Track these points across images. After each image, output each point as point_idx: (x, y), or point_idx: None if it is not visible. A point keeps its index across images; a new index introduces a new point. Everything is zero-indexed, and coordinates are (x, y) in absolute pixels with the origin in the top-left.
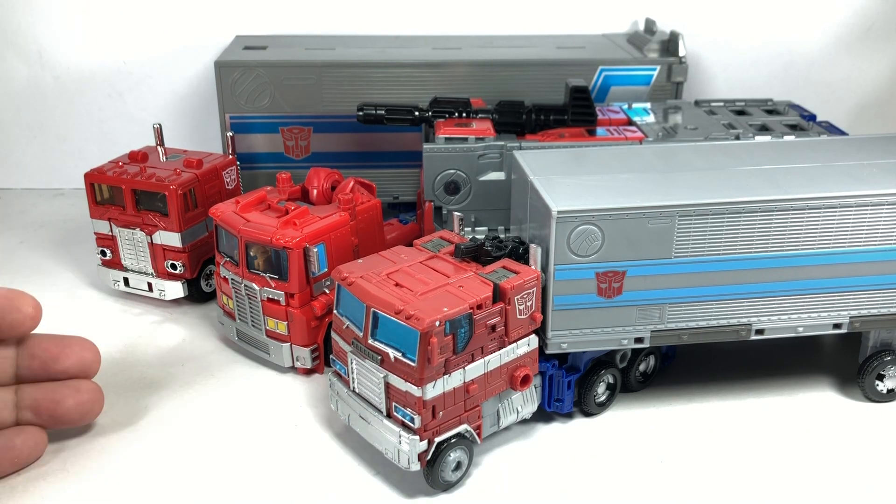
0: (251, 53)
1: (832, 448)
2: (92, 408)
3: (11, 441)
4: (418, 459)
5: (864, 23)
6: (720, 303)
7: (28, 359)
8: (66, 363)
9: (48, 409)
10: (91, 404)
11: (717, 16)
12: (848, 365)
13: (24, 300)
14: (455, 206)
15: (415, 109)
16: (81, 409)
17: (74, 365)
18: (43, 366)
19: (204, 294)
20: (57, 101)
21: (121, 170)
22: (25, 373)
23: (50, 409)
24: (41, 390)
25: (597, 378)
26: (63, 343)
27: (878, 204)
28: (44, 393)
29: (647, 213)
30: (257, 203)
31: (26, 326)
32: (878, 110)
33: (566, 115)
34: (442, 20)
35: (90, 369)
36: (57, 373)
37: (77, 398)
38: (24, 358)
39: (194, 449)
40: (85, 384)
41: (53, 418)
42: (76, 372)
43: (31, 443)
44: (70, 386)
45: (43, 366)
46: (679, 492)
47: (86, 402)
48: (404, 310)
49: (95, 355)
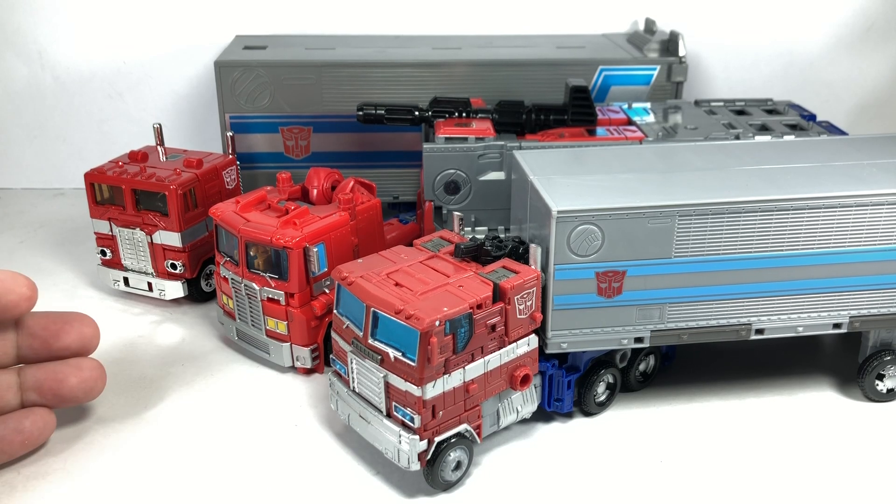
0: (251, 53)
1: (832, 448)
2: (95, 384)
3: (21, 424)
4: (418, 459)
5: (864, 23)
6: (720, 303)
7: (28, 338)
8: (66, 339)
9: (52, 389)
10: (94, 381)
11: (717, 16)
12: (848, 365)
13: (19, 280)
14: (455, 206)
15: (415, 109)
16: (84, 386)
17: (75, 341)
18: (44, 344)
19: (204, 294)
20: (57, 101)
21: (121, 170)
22: (27, 352)
23: (53, 388)
24: (43, 370)
25: (597, 378)
26: (62, 319)
27: (878, 204)
28: (46, 373)
29: (647, 213)
30: (257, 203)
31: (22, 307)
32: (878, 110)
33: (566, 115)
34: (442, 20)
35: (90, 344)
36: (59, 350)
37: (80, 376)
38: (24, 338)
39: (194, 448)
40: (86, 362)
41: (58, 397)
42: (77, 348)
43: (41, 423)
44: (72, 364)
45: (44, 344)
46: (679, 492)
47: (88, 380)
48: (404, 309)
49: (95, 330)
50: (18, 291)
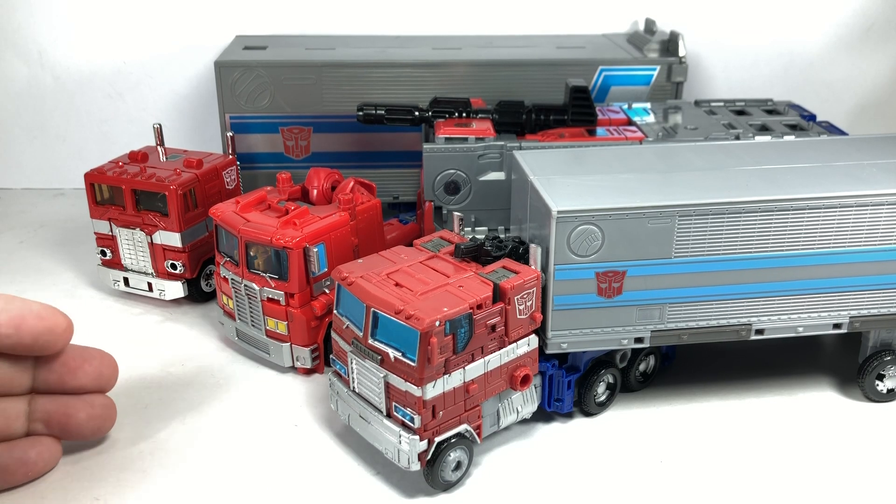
0: (251, 53)
1: (832, 448)
2: (104, 423)
3: (26, 454)
4: (418, 459)
5: (864, 23)
6: (720, 303)
7: (45, 372)
8: (83, 379)
9: (59, 423)
10: (103, 420)
11: (717, 16)
12: (848, 365)
13: (58, 320)
14: (455, 206)
15: (415, 109)
16: (93, 423)
17: (92, 381)
18: (59, 380)
19: (204, 294)
20: (57, 101)
21: (121, 170)
22: (40, 385)
23: (62, 422)
24: (54, 402)
25: (597, 378)
26: (82, 356)
27: (878, 204)
28: (56, 406)
29: (647, 213)
30: (257, 203)
31: (58, 346)
32: (878, 110)
33: (566, 115)
34: (442, 20)
35: (107, 384)
36: (73, 388)
37: (89, 412)
38: (41, 371)
39: (194, 449)
40: (98, 398)
41: (65, 431)
42: (93, 387)
43: (47, 455)
44: (83, 399)
45: (59, 380)
46: (679, 492)
47: (98, 417)
48: (404, 310)
49: (113, 370)
50: (56, 332)
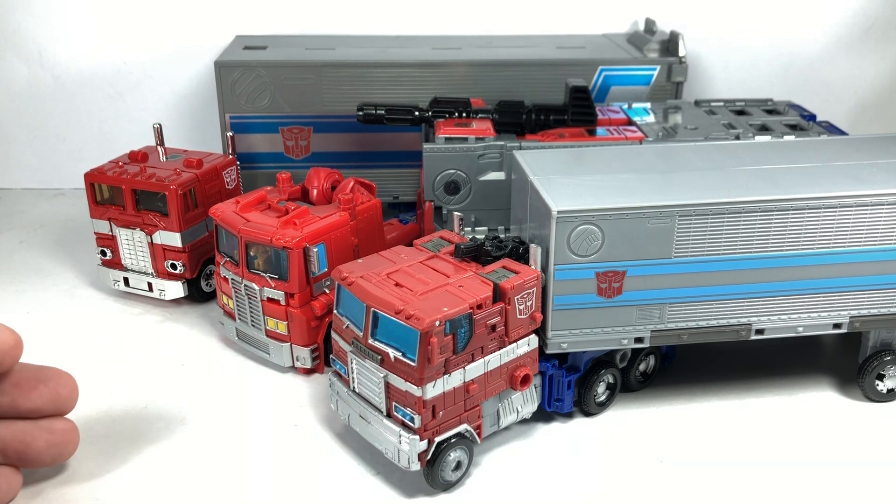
0: (251, 53)
1: (832, 448)
2: (65, 448)
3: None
4: (418, 459)
5: (864, 23)
6: (720, 303)
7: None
8: (38, 401)
9: (17, 451)
10: (64, 445)
11: (717, 16)
12: (848, 365)
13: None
14: (455, 206)
15: (415, 109)
16: (53, 451)
17: (48, 403)
18: (11, 402)
19: (204, 294)
20: (57, 101)
21: (121, 170)
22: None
23: (19, 450)
24: (10, 430)
25: (597, 378)
26: (36, 377)
27: (878, 204)
28: (12, 433)
29: (647, 213)
30: (257, 203)
31: (5, 366)
32: (878, 110)
33: (566, 115)
34: (442, 20)
35: (65, 406)
36: (28, 411)
37: (48, 439)
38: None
39: (194, 448)
40: (58, 423)
41: (23, 460)
42: (49, 410)
43: (5, 486)
44: (42, 426)
45: (11, 402)
46: (679, 492)
47: (58, 444)
48: (404, 310)
49: (72, 390)
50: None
